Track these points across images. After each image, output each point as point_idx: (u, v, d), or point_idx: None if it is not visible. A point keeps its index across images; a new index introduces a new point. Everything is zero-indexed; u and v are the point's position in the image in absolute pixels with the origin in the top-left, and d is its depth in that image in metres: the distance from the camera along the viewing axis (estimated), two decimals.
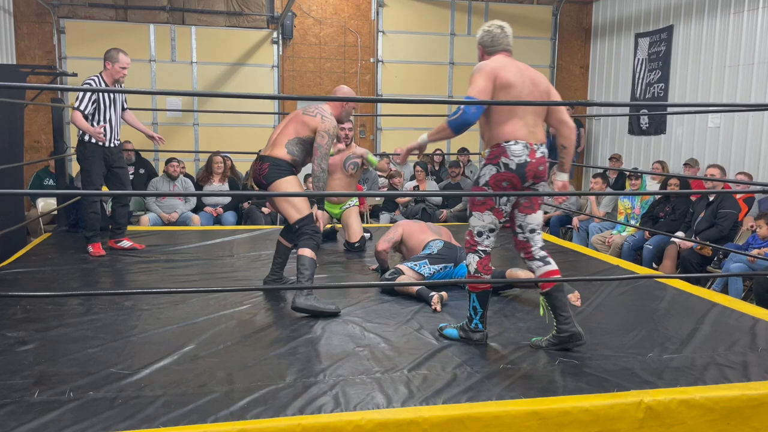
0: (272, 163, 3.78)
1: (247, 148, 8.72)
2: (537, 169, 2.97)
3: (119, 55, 4.83)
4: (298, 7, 9.52)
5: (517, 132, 2.93)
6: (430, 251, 4.20)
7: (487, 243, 3.09)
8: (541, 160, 2.97)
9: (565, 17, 10.50)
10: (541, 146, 3.00)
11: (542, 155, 2.99)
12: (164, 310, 3.55)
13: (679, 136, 8.45)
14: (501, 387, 2.59)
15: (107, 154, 4.95)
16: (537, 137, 2.98)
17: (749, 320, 3.51)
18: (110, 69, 4.83)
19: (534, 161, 2.94)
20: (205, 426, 2.24)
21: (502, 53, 3.09)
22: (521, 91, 2.94)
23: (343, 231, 5.57)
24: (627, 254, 6.45)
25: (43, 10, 8.81)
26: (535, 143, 2.96)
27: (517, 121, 2.93)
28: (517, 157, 2.92)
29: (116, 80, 4.87)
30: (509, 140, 2.93)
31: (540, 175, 3.00)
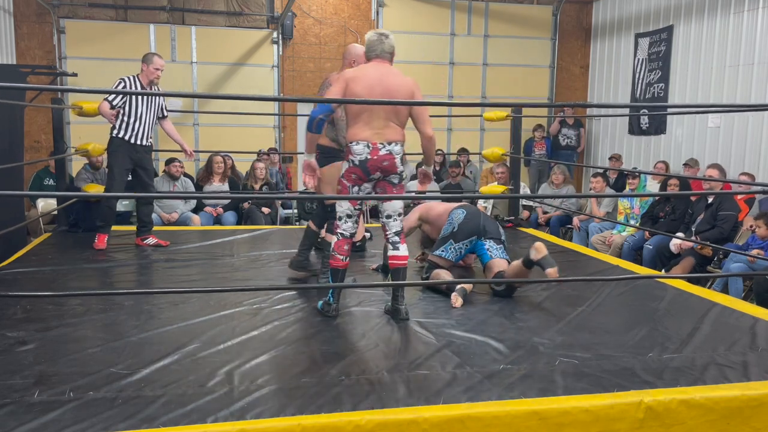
0: (321, 152, 3.98)
1: (247, 148, 8.73)
2: (381, 164, 3.42)
3: (154, 58, 5.09)
4: (298, 7, 9.52)
5: (359, 134, 3.41)
6: (452, 227, 4.19)
7: (345, 227, 3.51)
8: (384, 157, 3.40)
9: (565, 17, 10.50)
10: (388, 145, 3.41)
11: (387, 153, 3.41)
12: (164, 310, 3.55)
13: (679, 136, 8.46)
14: (501, 387, 2.59)
15: (133, 152, 5.10)
16: (384, 137, 3.40)
17: (749, 320, 3.51)
18: (146, 71, 5.07)
19: (376, 158, 3.40)
20: (205, 426, 2.23)
21: (374, 60, 3.50)
22: (366, 105, 3.37)
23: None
24: (627, 254, 6.44)
25: (43, 10, 8.81)
26: (380, 142, 3.39)
27: (361, 125, 3.40)
28: (358, 155, 3.40)
29: (151, 81, 5.09)
30: (352, 141, 3.43)
31: (386, 169, 3.43)
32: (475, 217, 4.24)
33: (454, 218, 4.24)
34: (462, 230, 4.17)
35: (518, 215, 6.79)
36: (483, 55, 10.18)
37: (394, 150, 3.43)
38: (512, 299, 3.90)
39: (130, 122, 5.05)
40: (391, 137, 3.42)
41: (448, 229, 4.23)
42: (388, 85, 3.41)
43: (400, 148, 3.45)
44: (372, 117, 3.38)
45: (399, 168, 3.47)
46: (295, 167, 9.98)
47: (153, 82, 5.12)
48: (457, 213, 4.26)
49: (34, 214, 7.24)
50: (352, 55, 4.06)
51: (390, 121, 3.42)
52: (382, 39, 3.49)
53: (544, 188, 8.42)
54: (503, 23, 10.21)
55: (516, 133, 6.62)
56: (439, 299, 3.88)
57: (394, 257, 3.55)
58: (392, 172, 3.47)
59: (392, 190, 3.52)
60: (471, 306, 3.79)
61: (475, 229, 4.20)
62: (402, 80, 3.47)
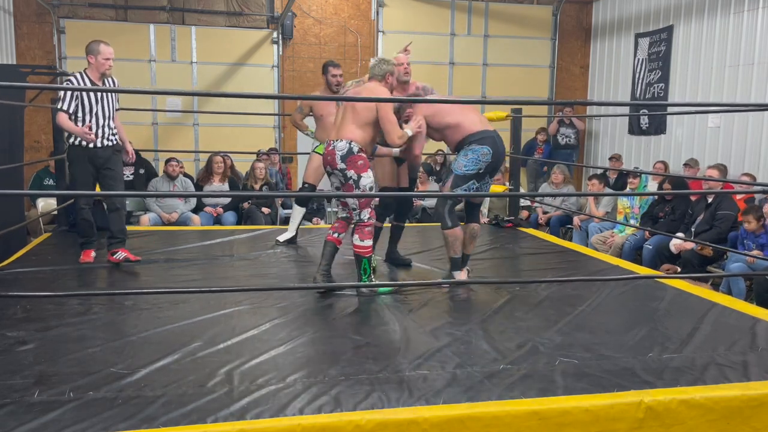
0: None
1: (247, 148, 8.74)
2: (327, 158, 3.94)
3: (100, 47, 4.37)
4: (298, 7, 9.52)
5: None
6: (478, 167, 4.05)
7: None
8: (329, 152, 3.92)
9: (565, 17, 10.50)
10: (335, 142, 3.92)
11: (332, 148, 3.91)
12: (164, 309, 3.55)
13: (679, 136, 8.46)
14: (501, 387, 2.59)
15: (94, 157, 4.50)
16: (337, 135, 3.95)
17: (749, 320, 3.51)
18: (94, 63, 4.39)
19: (325, 153, 3.95)
20: (205, 426, 2.24)
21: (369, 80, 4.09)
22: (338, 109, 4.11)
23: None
24: (628, 254, 6.44)
25: (43, 10, 8.81)
26: (332, 140, 3.95)
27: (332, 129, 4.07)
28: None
29: (103, 74, 4.43)
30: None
31: (329, 163, 3.93)
32: (499, 154, 4.14)
33: (481, 157, 4.08)
34: (487, 170, 4.13)
35: (518, 215, 6.79)
36: (483, 55, 10.18)
37: (336, 146, 3.89)
38: (512, 299, 3.89)
39: (85, 124, 4.41)
40: (342, 135, 3.91)
41: (472, 167, 4.07)
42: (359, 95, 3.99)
43: (344, 144, 3.87)
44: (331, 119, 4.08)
45: (339, 165, 3.87)
46: (295, 167, 9.98)
47: (105, 74, 4.44)
48: (483, 150, 4.08)
49: (34, 214, 7.24)
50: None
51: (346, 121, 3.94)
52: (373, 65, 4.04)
53: (543, 188, 8.42)
54: (503, 23, 10.21)
55: (516, 133, 6.62)
56: (439, 299, 3.88)
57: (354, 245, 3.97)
58: (333, 167, 3.91)
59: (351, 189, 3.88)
60: (471, 306, 3.80)
61: (495, 168, 4.18)
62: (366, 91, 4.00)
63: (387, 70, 4.02)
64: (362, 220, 3.91)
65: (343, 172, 3.87)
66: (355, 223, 3.94)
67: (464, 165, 4.08)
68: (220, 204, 7.51)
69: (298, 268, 4.76)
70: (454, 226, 4.15)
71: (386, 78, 4.03)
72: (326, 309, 3.65)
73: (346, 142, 3.86)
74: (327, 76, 5.38)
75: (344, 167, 3.85)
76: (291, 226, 5.66)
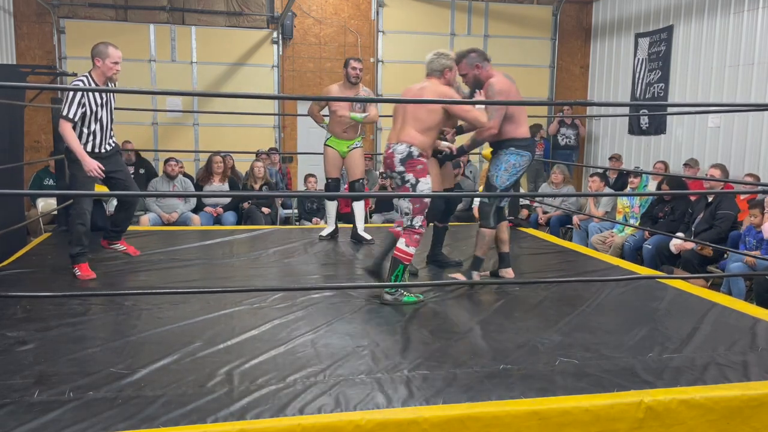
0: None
1: (247, 148, 8.74)
2: (386, 161, 3.90)
3: (109, 50, 4.17)
4: (298, 7, 9.52)
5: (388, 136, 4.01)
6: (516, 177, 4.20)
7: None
8: (388, 155, 3.87)
9: (565, 17, 10.50)
10: (394, 144, 3.85)
11: (391, 151, 3.85)
12: (164, 310, 3.55)
13: (679, 136, 8.46)
14: (501, 387, 2.59)
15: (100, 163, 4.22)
16: (396, 138, 3.87)
17: (749, 320, 3.51)
18: (101, 66, 4.18)
19: (385, 155, 3.91)
20: (205, 426, 2.24)
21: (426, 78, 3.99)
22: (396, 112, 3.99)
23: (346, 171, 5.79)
24: (629, 255, 6.44)
25: (43, 10, 8.82)
26: (392, 143, 3.88)
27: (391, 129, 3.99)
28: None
29: (108, 78, 4.24)
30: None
31: (388, 166, 3.89)
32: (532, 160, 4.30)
33: (522, 164, 4.19)
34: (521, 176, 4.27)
35: (518, 215, 6.79)
36: None
37: (394, 149, 3.82)
38: (512, 299, 3.89)
39: (92, 130, 4.24)
40: (401, 138, 3.83)
41: (512, 179, 4.19)
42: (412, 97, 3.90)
43: (404, 147, 3.78)
44: (396, 120, 3.93)
45: (397, 168, 3.80)
46: (295, 167, 9.98)
47: (111, 79, 4.26)
48: (525, 159, 4.20)
49: (34, 214, 7.24)
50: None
51: (407, 123, 3.83)
52: (431, 59, 3.93)
53: (543, 188, 8.42)
54: (503, 23, 10.21)
55: None
56: (441, 299, 3.88)
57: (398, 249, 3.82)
58: (391, 169, 3.87)
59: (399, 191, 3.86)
60: (471, 306, 3.80)
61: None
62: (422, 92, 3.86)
63: (446, 65, 3.91)
64: (413, 227, 3.81)
65: (401, 175, 3.80)
66: (405, 228, 3.83)
67: (507, 179, 4.17)
68: (220, 204, 7.51)
69: (299, 268, 4.76)
70: (494, 228, 4.27)
71: (444, 73, 3.92)
72: (326, 309, 3.64)
73: (406, 146, 3.78)
74: (347, 69, 5.51)
75: (403, 170, 3.78)
76: (329, 222, 5.90)
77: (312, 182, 8.25)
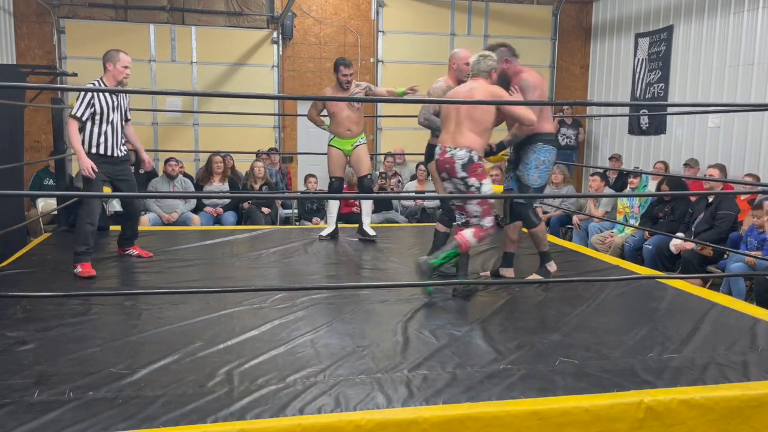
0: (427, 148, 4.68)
1: (247, 148, 8.74)
2: (444, 166, 3.89)
3: (120, 55, 4.43)
4: (298, 7, 9.52)
5: (440, 138, 4.01)
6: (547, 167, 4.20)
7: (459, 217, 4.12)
8: (446, 160, 3.86)
9: (565, 17, 10.50)
10: (453, 149, 3.84)
11: (450, 156, 3.84)
12: (164, 309, 3.55)
13: (679, 136, 8.46)
14: (501, 387, 2.59)
15: (109, 166, 4.45)
16: (454, 142, 3.86)
17: (749, 320, 3.51)
18: (112, 70, 4.42)
19: (441, 159, 3.89)
20: (205, 426, 2.24)
21: (472, 79, 3.98)
22: (447, 114, 3.95)
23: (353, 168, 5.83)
24: (629, 255, 6.44)
25: (43, 10, 8.82)
26: (448, 146, 3.87)
27: (444, 130, 4.00)
28: (436, 155, 3.99)
29: (119, 82, 4.46)
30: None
31: (448, 171, 3.88)
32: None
33: (551, 160, 4.21)
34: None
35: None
36: None
37: (454, 154, 3.83)
38: (512, 299, 3.89)
39: (102, 132, 4.37)
40: (459, 142, 3.83)
41: (544, 176, 4.21)
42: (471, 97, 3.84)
43: (464, 153, 3.80)
44: (449, 123, 3.92)
45: (459, 174, 3.83)
46: (295, 167, 9.98)
47: (122, 83, 4.45)
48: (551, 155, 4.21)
49: (34, 214, 7.25)
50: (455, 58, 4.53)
51: (463, 126, 3.84)
52: (478, 59, 3.92)
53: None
54: (503, 23, 10.21)
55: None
56: (441, 299, 3.88)
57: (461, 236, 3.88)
58: (452, 175, 3.87)
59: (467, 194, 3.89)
60: (471, 306, 3.80)
61: None
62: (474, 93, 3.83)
63: (492, 66, 3.93)
64: (483, 226, 3.90)
65: (464, 181, 3.83)
66: (477, 225, 3.91)
67: (538, 177, 4.19)
68: (220, 204, 7.51)
69: (299, 268, 4.76)
70: (539, 223, 4.33)
71: (491, 74, 3.94)
72: (326, 309, 3.64)
73: (467, 151, 3.80)
74: (338, 75, 5.50)
75: (465, 175, 3.82)
76: (330, 221, 5.89)
77: (312, 182, 8.26)
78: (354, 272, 4.70)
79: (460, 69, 4.46)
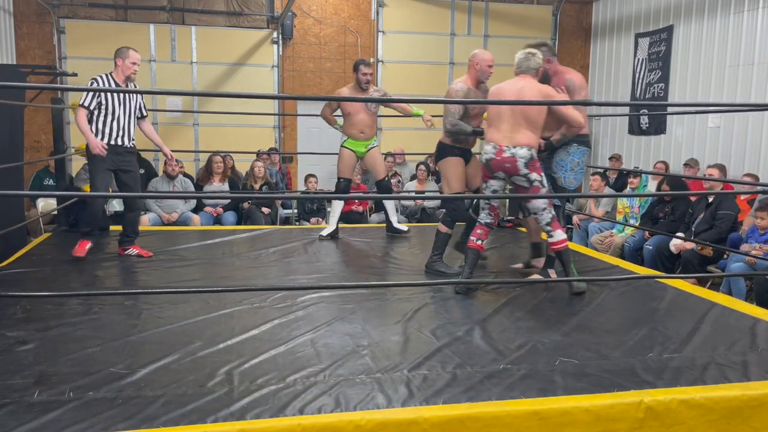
0: (438, 149, 4.63)
1: (248, 148, 8.74)
2: (503, 165, 3.87)
3: (129, 52, 4.72)
4: (298, 7, 9.52)
5: (491, 136, 3.95)
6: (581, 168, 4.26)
7: (481, 217, 4.13)
8: (506, 159, 3.84)
9: (565, 17, 10.50)
10: (513, 148, 3.82)
11: (511, 155, 3.82)
12: (164, 309, 3.55)
13: (679, 136, 8.46)
14: (501, 387, 2.59)
15: (113, 155, 4.72)
16: (512, 141, 3.84)
17: (749, 320, 3.51)
18: (120, 66, 4.70)
19: (499, 159, 3.87)
20: (205, 426, 2.24)
21: (518, 77, 3.96)
22: (499, 111, 3.91)
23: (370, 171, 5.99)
24: (629, 255, 6.44)
25: (43, 10, 8.82)
26: (505, 145, 3.84)
27: (493, 128, 3.95)
28: (486, 154, 3.93)
29: (127, 77, 4.73)
30: (485, 142, 3.99)
31: (508, 171, 3.88)
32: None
33: (584, 161, 4.26)
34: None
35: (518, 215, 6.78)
36: None
37: (516, 153, 3.82)
38: (512, 299, 3.89)
39: (107, 123, 4.67)
40: (520, 141, 3.83)
41: (579, 177, 4.28)
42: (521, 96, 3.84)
43: (525, 151, 3.81)
44: (502, 122, 3.88)
45: (522, 171, 3.84)
46: (295, 167, 9.98)
47: (130, 78, 4.74)
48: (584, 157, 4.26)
49: (34, 214, 7.24)
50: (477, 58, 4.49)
51: (519, 126, 3.83)
52: (527, 56, 3.94)
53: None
54: (503, 23, 10.21)
55: None
56: (441, 299, 3.89)
57: (552, 243, 4.03)
58: (515, 174, 3.88)
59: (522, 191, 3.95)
60: (471, 306, 3.80)
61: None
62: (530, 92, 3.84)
63: (540, 63, 3.96)
64: (553, 216, 3.98)
65: (527, 177, 3.86)
66: (549, 222, 3.98)
67: (574, 179, 4.25)
68: (220, 204, 7.51)
69: (299, 267, 4.76)
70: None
71: (539, 71, 3.98)
72: (326, 309, 3.64)
73: (528, 149, 3.83)
74: (358, 74, 5.50)
75: (527, 172, 3.85)
76: (331, 221, 5.90)
77: (312, 182, 8.26)
78: (354, 272, 4.70)
79: (483, 71, 4.42)
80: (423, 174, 8.26)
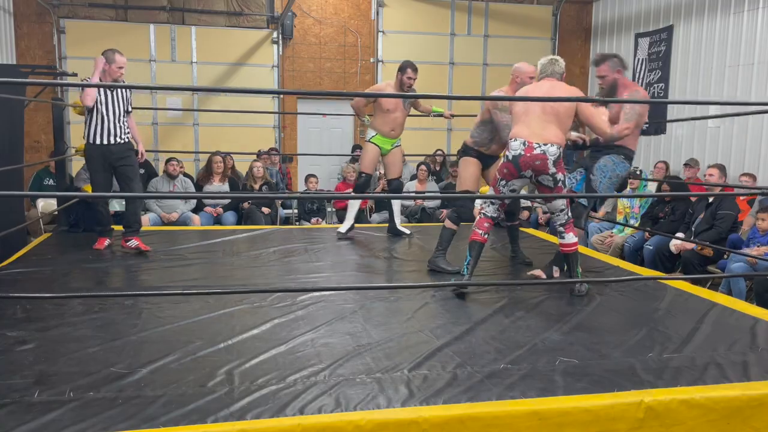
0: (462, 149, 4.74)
1: (248, 147, 8.74)
2: (533, 163, 3.80)
3: (115, 56, 4.86)
4: (298, 7, 9.52)
5: (518, 132, 3.87)
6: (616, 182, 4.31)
7: (487, 210, 4.05)
8: (537, 156, 3.78)
9: (565, 17, 10.50)
10: (544, 145, 3.77)
11: (542, 152, 3.77)
12: (164, 309, 3.54)
13: (679, 136, 8.46)
14: (501, 387, 2.59)
15: (108, 153, 4.87)
16: (542, 138, 3.79)
17: (749, 320, 3.51)
18: (107, 70, 4.85)
19: (528, 156, 3.80)
20: (205, 426, 2.23)
21: (544, 79, 4.01)
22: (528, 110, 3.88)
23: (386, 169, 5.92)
24: (629, 256, 6.44)
25: (43, 10, 8.82)
26: (535, 142, 3.78)
27: (520, 125, 3.90)
28: (513, 151, 3.86)
29: (114, 80, 4.88)
30: (511, 138, 3.91)
31: (537, 168, 3.82)
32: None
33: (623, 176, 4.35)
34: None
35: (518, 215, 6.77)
36: (483, 55, 10.18)
37: (546, 150, 3.79)
38: (512, 299, 3.89)
39: (98, 122, 4.84)
40: (549, 138, 3.80)
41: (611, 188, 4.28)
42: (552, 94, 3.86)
43: (555, 149, 3.78)
44: (530, 118, 3.85)
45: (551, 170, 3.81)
46: (295, 167, 9.98)
47: (117, 80, 4.91)
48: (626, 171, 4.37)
49: (34, 214, 7.24)
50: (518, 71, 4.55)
51: (550, 123, 3.82)
52: (552, 62, 4.01)
53: None
54: (503, 23, 10.22)
55: None
56: (442, 299, 3.89)
57: (563, 245, 4.04)
58: (544, 172, 3.84)
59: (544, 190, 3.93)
60: (471, 306, 3.80)
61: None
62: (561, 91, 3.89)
63: (563, 70, 4.04)
64: (570, 218, 4.01)
65: (553, 176, 3.85)
66: (563, 224, 4.01)
67: (608, 187, 4.26)
68: (220, 204, 7.51)
69: (299, 267, 4.76)
70: (583, 228, 4.56)
71: (563, 77, 4.04)
72: (326, 309, 3.64)
73: (557, 147, 3.81)
74: (403, 76, 5.44)
75: (555, 171, 3.84)
76: (348, 216, 5.91)
77: (313, 182, 8.26)
78: (354, 272, 4.70)
79: (524, 83, 4.43)
80: (423, 174, 8.26)
